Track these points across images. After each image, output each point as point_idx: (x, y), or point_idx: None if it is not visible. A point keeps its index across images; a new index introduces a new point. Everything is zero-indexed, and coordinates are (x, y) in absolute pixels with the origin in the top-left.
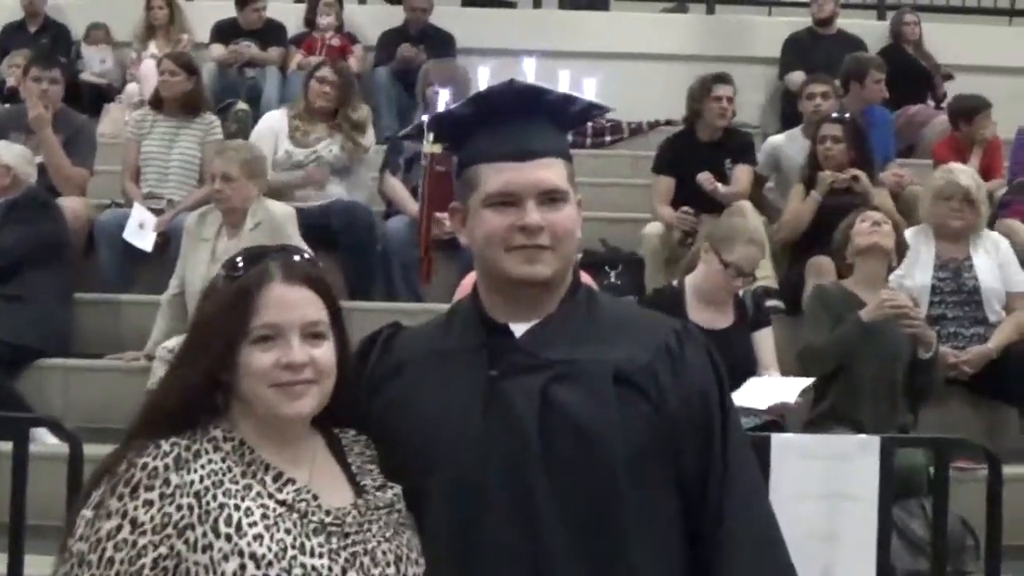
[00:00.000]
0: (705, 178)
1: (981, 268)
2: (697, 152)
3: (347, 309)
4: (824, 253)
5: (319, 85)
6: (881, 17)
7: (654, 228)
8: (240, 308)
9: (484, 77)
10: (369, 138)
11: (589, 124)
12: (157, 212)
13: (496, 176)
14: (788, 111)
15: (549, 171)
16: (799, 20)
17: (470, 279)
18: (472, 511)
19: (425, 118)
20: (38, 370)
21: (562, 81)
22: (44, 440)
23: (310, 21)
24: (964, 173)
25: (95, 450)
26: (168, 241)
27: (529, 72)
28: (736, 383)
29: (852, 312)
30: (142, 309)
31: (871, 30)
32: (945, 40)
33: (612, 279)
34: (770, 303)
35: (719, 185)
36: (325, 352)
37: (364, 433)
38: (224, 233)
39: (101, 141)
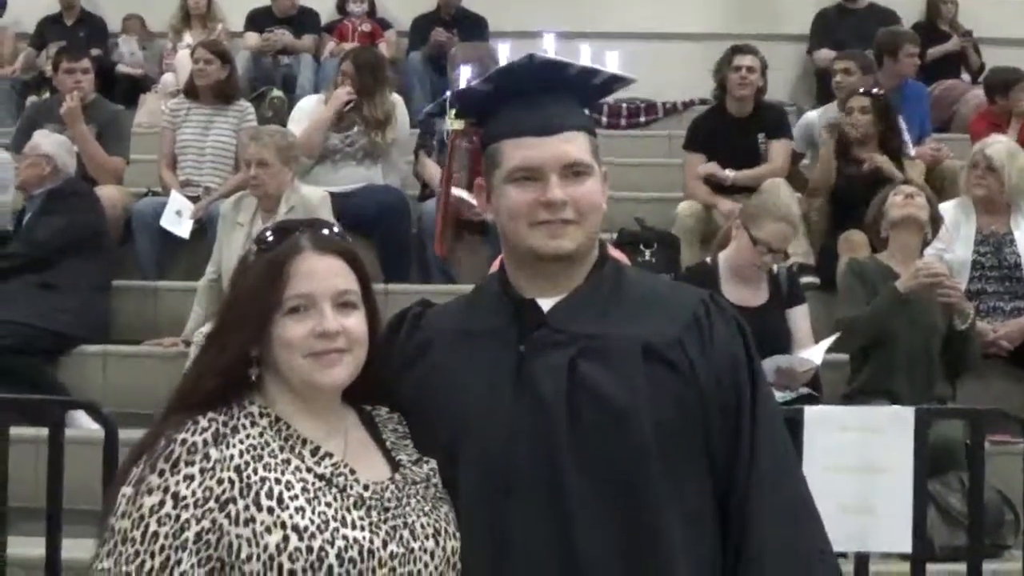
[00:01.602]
0: (708, 170)
1: (1023, 243)
2: (728, 127)
3: (381, 292)
4: (858, 228)
5: (342, 79)
6: None
7: (687, 206)
8: (272, 280)
9: (505, 54)
10: (394, 131)
11: (624, 105)
12: (194, 199)
13: (518, 151)
14: (822, 88)
15: (571, 145)
16: None
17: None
18: (501, 486)
19: (448, 94)
20: (77, 357)
21: (590, 60)
22: (81, 425)
23: (342, 7)
24: (995, 143)
25: (132, 435)
26: (205, 228)
27: (550, 47)
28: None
29: (887, 285)
30: (179, 295)
31: (906, 5)
32: (980, 12)
33: (647, 257)
34: (805, 279)
35: (728, 173)
36: (357, 321)
37: (395, 410)
38: (259, 218)
39: (138, 131)
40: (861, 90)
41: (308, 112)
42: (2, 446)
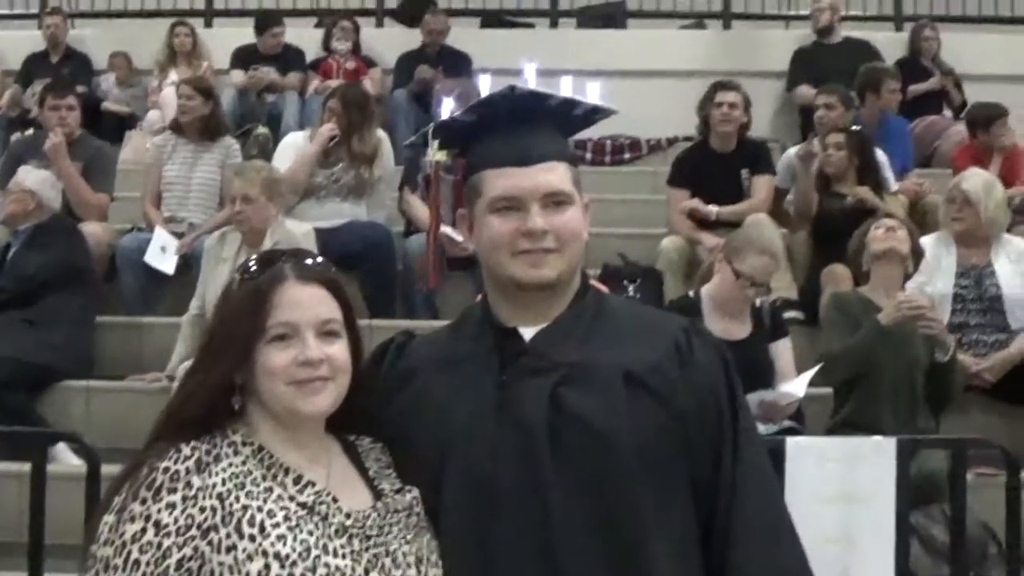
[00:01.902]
0: (692, 205)
1: (1003, 275)
2: (712, 163)
3: (366, 328)
4: (840, 262)
5: (328, 116)
6: (898, 28)
7: (671, 241)
8: (256, 308)
9: (486, 86)
10: (380, 167)
11: (608, 141)
12: (178, 235)
13: (499, 181)
14: (805, 124)
15: (552, 174)
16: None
17: None
18: (485, 514)
19: (431, 126)
20: (60, 391)
21: (569, 90)
22: (64, 460)
23: (327, 45)
24: (972, 177)
25: (115, 469)
26: (190, 264)
27: (531, 78)
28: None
29: (870, 318)
30: (164, 330)
31: (888, 41)
32: (962, 49)
33: (631, 292)
34: (788, 314)
35: (712, 208)
36: (340, 350)
37: (378, 439)
38: (244, 253)
39: (123, 167)
40: (840, 125)
41: (293, 148)
42: None
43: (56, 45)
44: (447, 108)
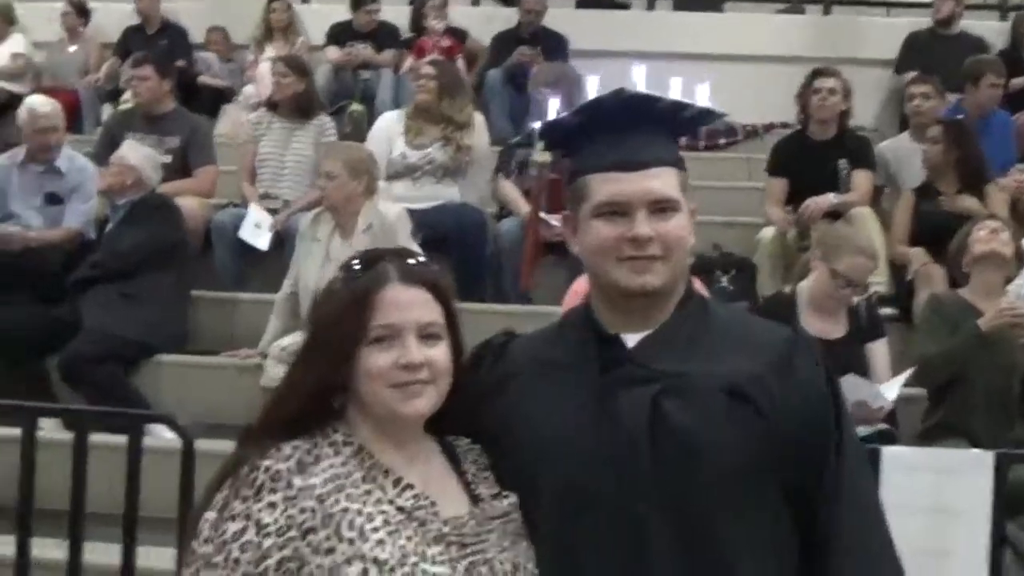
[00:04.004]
0: (813, 205)
1: None
2: (810, 152)
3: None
4: (936, 261)
5: (417, 82)
6: (1003, 18)
7: (769, 232)
8: (358, 309)
9: (594, 85)
10: (474, 138)
11: (704, 127)
12: (273, 212)
13: (605, 186)
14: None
15: (659, 180)
16: (918, 20)
17: (580, 283)
18: (580, 522)
19: (536, 126)
20: (155, 366)
21: (674, 85)
22: (160, 435)
23: (417, 23)
24: None
25: (209, 446)
26: (283, 241)
27: (639, 78)
28: None
29: (968, 322)
30: (257, 307)
31: (994, 31)
32: None
33: (723, 283)
34: (884, 311)
35: (830, 196)
36: (441, 353)
37: (476, 441)
38: (337, 235)
39: (219, 141)
40: (941, 116)
41: (386, 129)
42: (81, 453)
43: (149, 18)
44: (553, 107)
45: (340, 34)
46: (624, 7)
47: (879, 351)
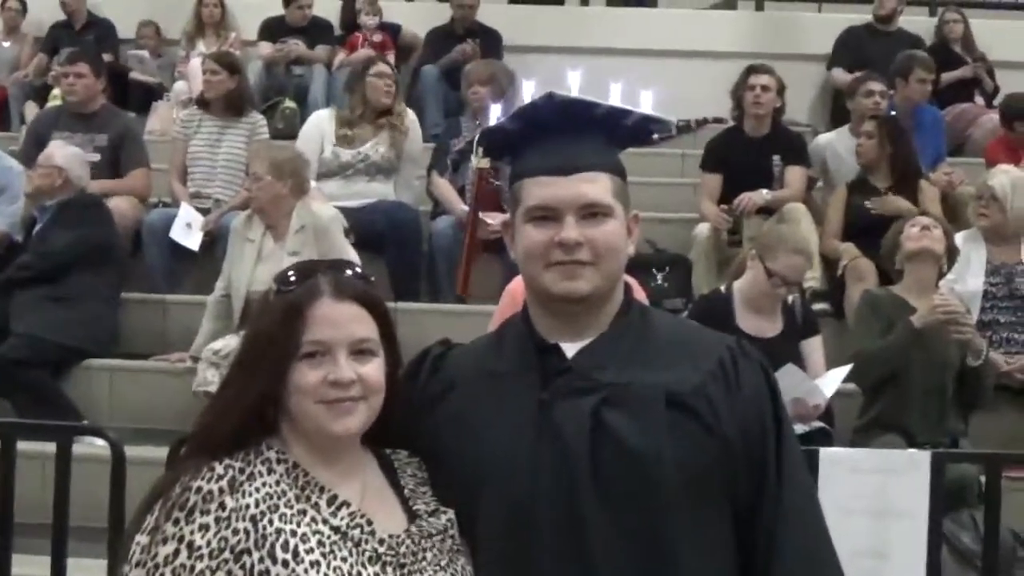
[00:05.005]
0: (747, 200)
1: None
2: (745, 148)
3: (391, 310)
4: (866, 256)
5: (379, 81)
6: (932, 14)
7: (704, 229)
8: (290, 324)
9: (530, 86)
10: (407, 145)
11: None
12: (204, 211)
13: (537, 190)
14: (838, 109)
15: (591, 185)
16: (850, 17)
17: (516, 284)
18: (522, 535)
19: (477, 136)
20: (85, 371)
21: (613, 87)
22: (90, 441)
23: (348, 19)
24: (999, 174)
25: (140, 452)
26: (215, 241)
27: (574, 77)
28: None
29: (902, 318)
30: (189, 309)
31: (923, 26)
32: (995, 36)
33: (659, 281)
34: (817, 307)
35: (763, 192)
36: (373, 369)
37: (414, 454)
38: (269, 235)
39: (149, 139)
40: (875, 113)
41: (317, 127)
42: (8, 463)
43: (74, 13)
44: (494, 114)
45: (273, 29)
46: (558, 2)
47: (815, 348)
